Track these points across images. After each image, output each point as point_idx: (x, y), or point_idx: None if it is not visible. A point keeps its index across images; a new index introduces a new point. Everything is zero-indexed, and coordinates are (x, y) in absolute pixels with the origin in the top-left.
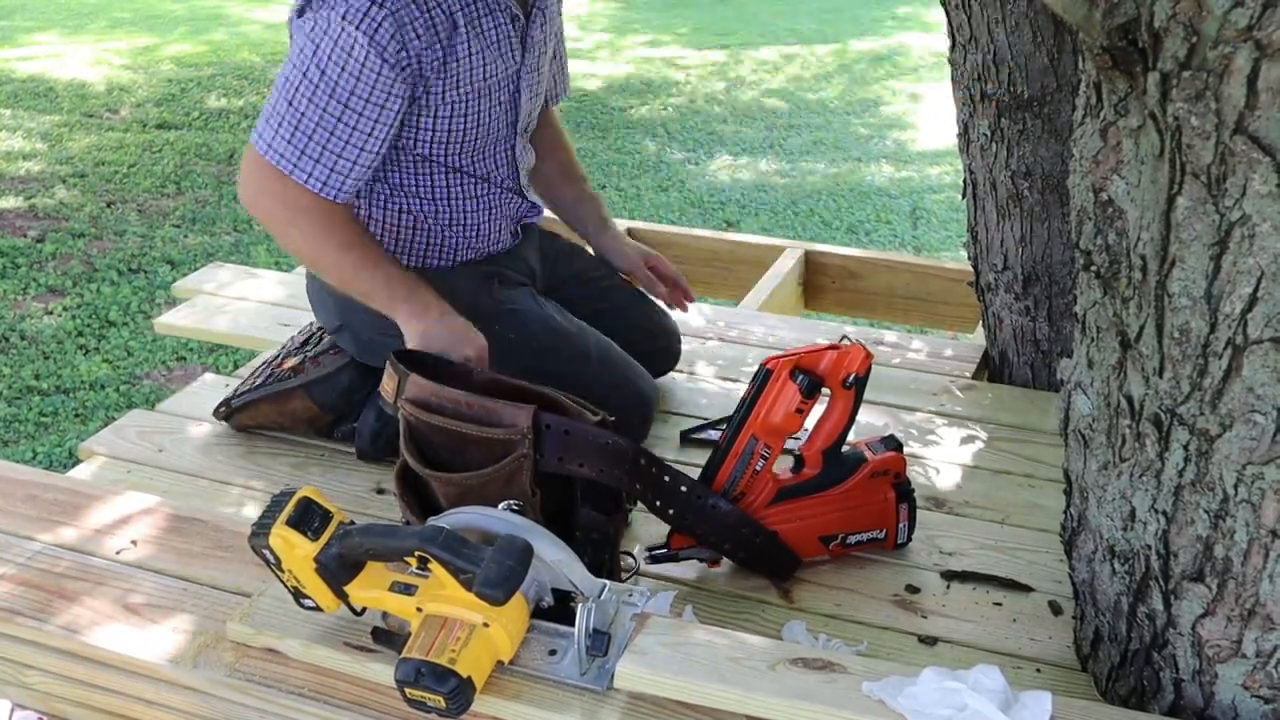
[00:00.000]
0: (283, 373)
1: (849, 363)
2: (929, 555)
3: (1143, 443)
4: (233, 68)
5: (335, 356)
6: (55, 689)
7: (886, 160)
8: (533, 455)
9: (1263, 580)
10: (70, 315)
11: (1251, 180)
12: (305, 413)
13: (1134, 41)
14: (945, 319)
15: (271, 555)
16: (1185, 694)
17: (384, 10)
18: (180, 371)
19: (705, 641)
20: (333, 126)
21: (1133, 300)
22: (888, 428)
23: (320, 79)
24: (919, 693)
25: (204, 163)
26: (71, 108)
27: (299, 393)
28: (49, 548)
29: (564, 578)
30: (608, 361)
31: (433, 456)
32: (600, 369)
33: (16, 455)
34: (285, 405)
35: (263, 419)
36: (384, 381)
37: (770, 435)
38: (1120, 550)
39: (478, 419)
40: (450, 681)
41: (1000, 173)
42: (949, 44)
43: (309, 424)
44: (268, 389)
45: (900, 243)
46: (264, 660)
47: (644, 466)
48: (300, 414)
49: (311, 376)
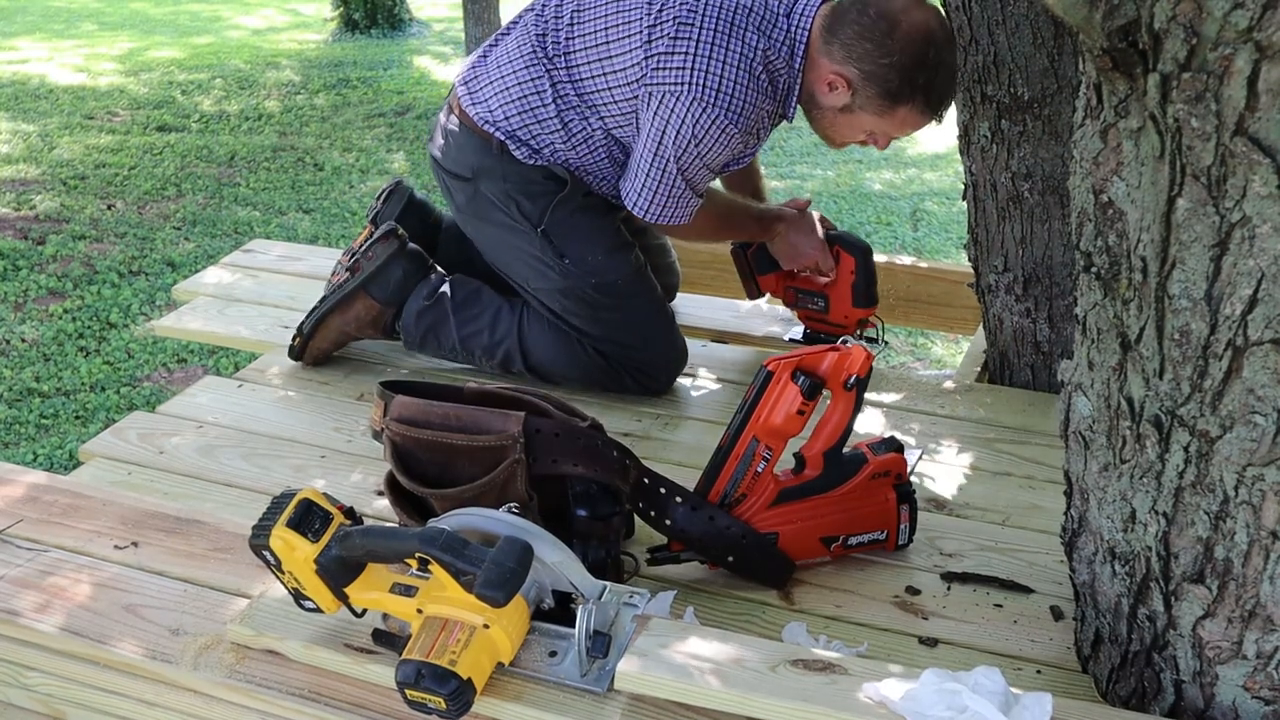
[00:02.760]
0: (340, 280)
1: (850, 364)
2: (930, 557)
3: (1143, 444)
4: (232, 71)
5: (384, 245)
6: (55, 689)
7: (886, 163)
8: (525, 460)
9: (1263, 582)
10: (71, 317)
11: (1252, 182)
12: (368, 313)
13: (1134, 43)
14: (946, 321)
15: (272, 557)
16: (1186, 695)
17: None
18: (181, 373)
19: (706, 643)
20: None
21: (1133, 302)
22: (888, 429)
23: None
24: (919, 694)
25: (204, 165)
26: (71, 110)
27: (359, 293)
28: (50, 549)
29: (564, 579)
30: (666, 315)
31: (421, 474)
32: (663, 320)
33: (17, 457)
34: (349, 312)
35: (333, 335)
36: (371, 412)
37: (771, 437)
38: (1121, 552)
39: (467, 429)
40: (451, 683)
41: (1001, 174)
42: None
43: (372, 324)
44: (332, 300)
45: (901, 245)
46: (264, 662)
47: (630, 467)
48: (364, 315)
49: (367, 271)
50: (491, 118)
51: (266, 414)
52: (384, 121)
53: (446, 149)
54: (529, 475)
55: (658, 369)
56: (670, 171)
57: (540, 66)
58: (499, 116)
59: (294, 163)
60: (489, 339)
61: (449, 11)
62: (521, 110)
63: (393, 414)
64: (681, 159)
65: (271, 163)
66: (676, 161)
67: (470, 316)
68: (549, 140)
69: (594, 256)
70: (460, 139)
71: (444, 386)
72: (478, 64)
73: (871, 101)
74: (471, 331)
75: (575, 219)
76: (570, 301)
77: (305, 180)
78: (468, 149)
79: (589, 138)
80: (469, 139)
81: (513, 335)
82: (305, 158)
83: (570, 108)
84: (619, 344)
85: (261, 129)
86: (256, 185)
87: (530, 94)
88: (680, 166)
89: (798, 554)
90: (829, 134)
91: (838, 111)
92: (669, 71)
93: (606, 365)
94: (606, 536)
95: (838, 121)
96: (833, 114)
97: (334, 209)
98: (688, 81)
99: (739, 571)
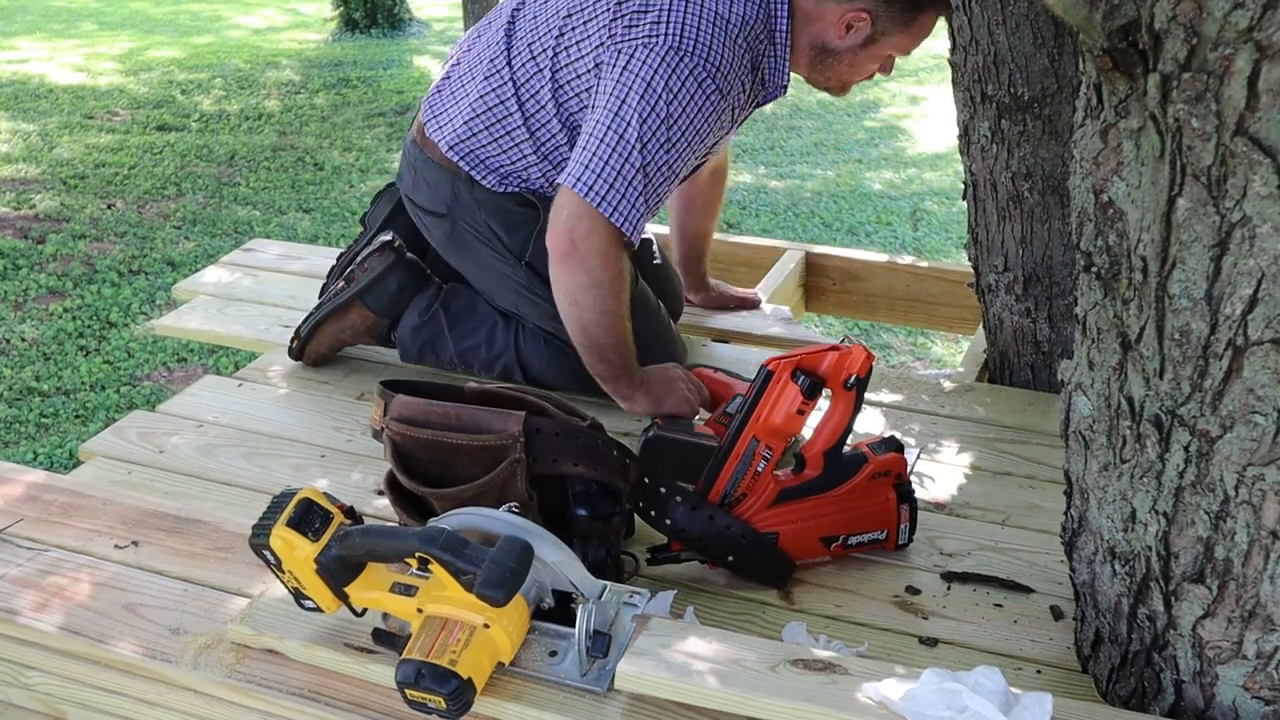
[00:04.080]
0: (336, 289)
1: (850, 364)
2: (930, 556)
3: (1143, 444)
4: (232, 71)
5: (379, 258)
6: (55, 688)
7: (887, 162)
8: (525, 460)
9: (1263, 581)
10: (71, 317)
11: (1252, 182)
12: (363, 322)
13: (1134, 43)
14: (946, 321)
15: (272, 556)
16: (1186, 695)
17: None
18: (181, 373)
19: (706, 643)
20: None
21: (1133, 301)
22: (888, 429)
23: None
24: (919, 694)
25: (204, 164)
26: (71, 109)
27: (355, 303)
28: (50, 549)
29: (564, 579)
30: (662, 319)
31: (421, 473)
32: (657, 325)
33: (17, 456)
34: (345, 319)
35: (329, 340)
36: (372, 411)
37: (771, 437)
38: (1121, 551)
39: (467, 428)
40: (451, 683)
41: (1001, 174)
42: (949, 45)
43: (368, 333)
44: (328, 307)
45: (901, 245)
46: (264, 661)
47: (630, 466)
48: (359, 325)
49: (362, 283)
50: (456, 138)
51: (266, 413)
52: (384, 121)
53: (416, 184)
54: (529, 475)
55: None
56: (629, 139)
57: (504, 74)
58: (463, 134)
59: (294, 162)
60: (486, 353)
61: (449, 11)
62: (489, 124)
63: (393, 413)
64: (646, 123)
65: (271, 162)
66: (639, 125)
67: (467, 331)
68: (517, 158)
69: None
70: (429, 175)
71: (444, 386)
72: (442, 83)
73: (895, 21)
74: (469, 346)
75: None
76: (561, 325)
77: (305, 180)
78: (438, 185)
79: (556, 147)
80: (437, 174)
81: (510, 350)
82: (305, 157)
83: (539, 108)
84: None
85: (261, 129)
86: (256, 185)
87: (495, 105)
88: (641, 134)
89: (798, 554)
90: (847, 76)
91: (858, 49)
92: (642, 27)
93: None
94: (606, 536)
95: (858, 59)
96: (852, 54)
97: (334, 208)
98: (663, 33)
99: (739, 571)
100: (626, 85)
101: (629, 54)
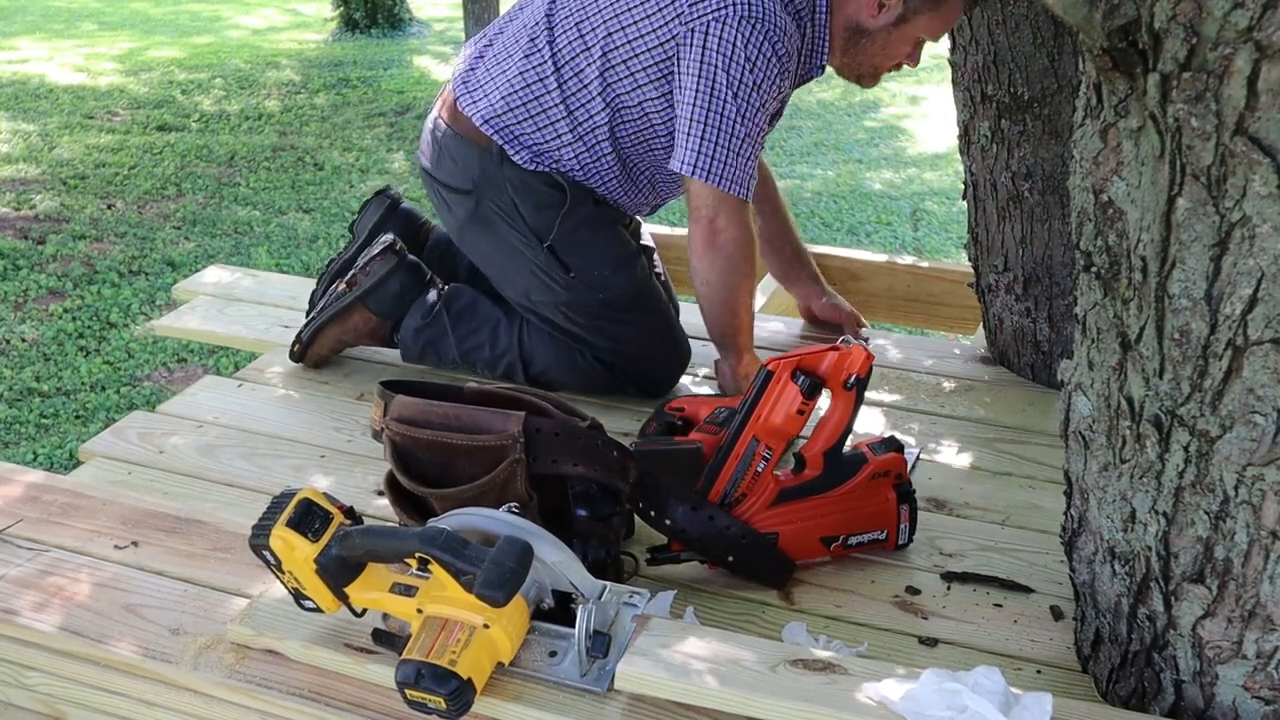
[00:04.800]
0: (338, 292)
1: (850, 364)
2: (929, 556)
3: (1143, 444)
4: (232, 71)
5: (382, 261)
6: (55, 689)
7: (887, 162)
8: (525, 460)
9: (1263, 581)
10: (71, 317)
11: (1252, 181)
12: (365, 325)
13: (1134, 43)
14: (946, 321)
15: (272, 557)
16: (1186, 695)
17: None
18: (181, 373)
19: (706, 643)
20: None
21: (1133, 301)
22: (888, 429)
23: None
24: (919, 694)
25: (204, 165)
26: (71, 110)
27: (357, 306)
28: (50, 549)
29: (564, 579)
30: (670, 319)
31: (421, 474)
32: (666, 326)
33: (17, 457)
34: (347, 323)
35: (331, 343)
36: (371, 411)
37: (771, 437)
38: (1121, 551)
39: (467, 429)
40: (450, 683)
41: (1001, 174)
42: (949, 45)
43: (370, 335)
44: (329, 311)
45: (901, 245)
46: (264, 662)
47: (630, 467)
48: (361, 327)
49: (364, 287)
50: (491, 112)
51: (266, 414)
52: (384, 121)
53: (440, 160)
54: (529, 475)
55: (661, 375)
56: (729, 114)
57: (544, 52)
58: (499, 109)
59: (294, 162)
60: (490, 353)
61: (449, 11)
62: (526, 100)
63: (393, 414)
64: (739, 93)
65: (271, 162)
66: (735, 99)
67: (469, 331)
68: (551, 137)
69: (600, 271)
70: (456, 149)
71: (444, 386)
72: (475, 61)
73: (926, 1)
74: (472, 346)
75: (582, 233)
76: (574, 313)
77: (305, 180)
78: (466, 160)
79: (594, 129)
80: (466, 149)
81: (514, 349)
82: (305, 157)
83: (582, 86)
84: (623, 354)
85: (261, 129)
86: (256, 185)
87: (534, 81)
88: (739, 106)
89: (798, 554)
90: (880, 59)
91: (890, 29)
92: (709, 2)
93: (609, 374)
94: (606, 536)
95: (890, 40)
96: (884, 35)
97: (334, 209)
98: (731, 4)
99: (739, 571)
100: (712, 64)
101: (704, 31)
